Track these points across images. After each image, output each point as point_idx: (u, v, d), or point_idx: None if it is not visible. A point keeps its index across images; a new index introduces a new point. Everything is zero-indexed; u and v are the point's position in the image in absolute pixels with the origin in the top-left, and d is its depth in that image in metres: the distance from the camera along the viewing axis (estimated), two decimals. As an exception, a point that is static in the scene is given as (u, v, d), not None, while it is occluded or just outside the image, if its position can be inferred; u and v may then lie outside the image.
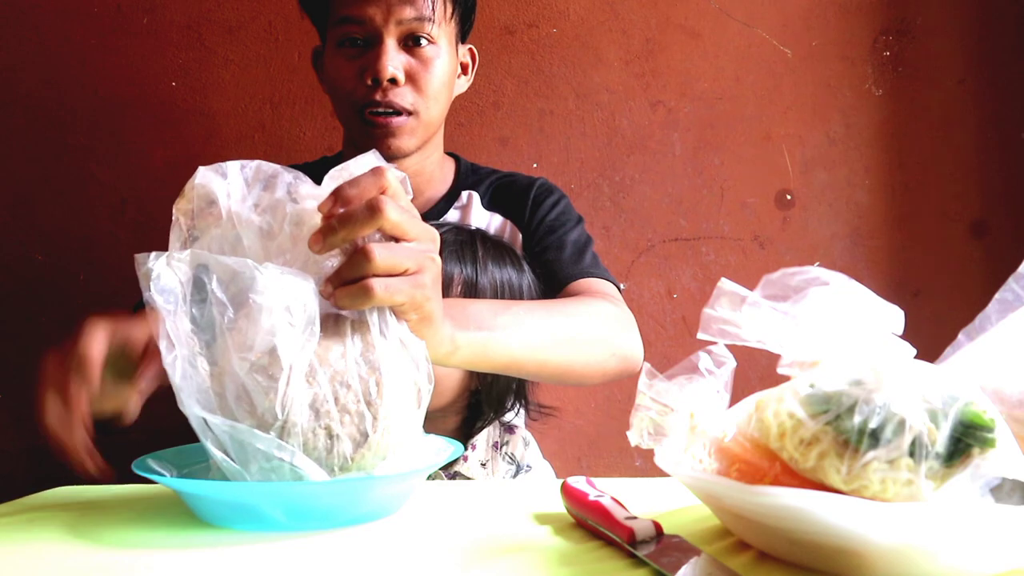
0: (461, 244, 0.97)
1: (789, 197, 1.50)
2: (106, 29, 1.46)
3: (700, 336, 0.51)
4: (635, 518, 0.50)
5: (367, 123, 1.03)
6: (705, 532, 0.54)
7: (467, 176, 1.19)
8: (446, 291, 0.89)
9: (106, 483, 0.67)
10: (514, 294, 0.99)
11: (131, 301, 1.44)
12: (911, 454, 0.42)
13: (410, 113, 1.04)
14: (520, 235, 1.13)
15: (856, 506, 0.40)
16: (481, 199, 1.16)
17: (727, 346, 0.52)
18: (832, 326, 0.48)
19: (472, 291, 0.94)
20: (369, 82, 1.01)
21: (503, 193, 1.17)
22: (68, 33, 1.46)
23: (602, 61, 1.50)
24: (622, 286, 1.06)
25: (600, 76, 1.49)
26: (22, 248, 1.45)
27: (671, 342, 1.49)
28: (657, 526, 0.49)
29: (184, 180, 0.62)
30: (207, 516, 0.58)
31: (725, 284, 0.51)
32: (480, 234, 1.03)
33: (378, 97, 1.01)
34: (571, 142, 1.50)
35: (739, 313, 0.50)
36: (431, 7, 1.02)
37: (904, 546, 0.41)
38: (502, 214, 1.15)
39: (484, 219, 1.15)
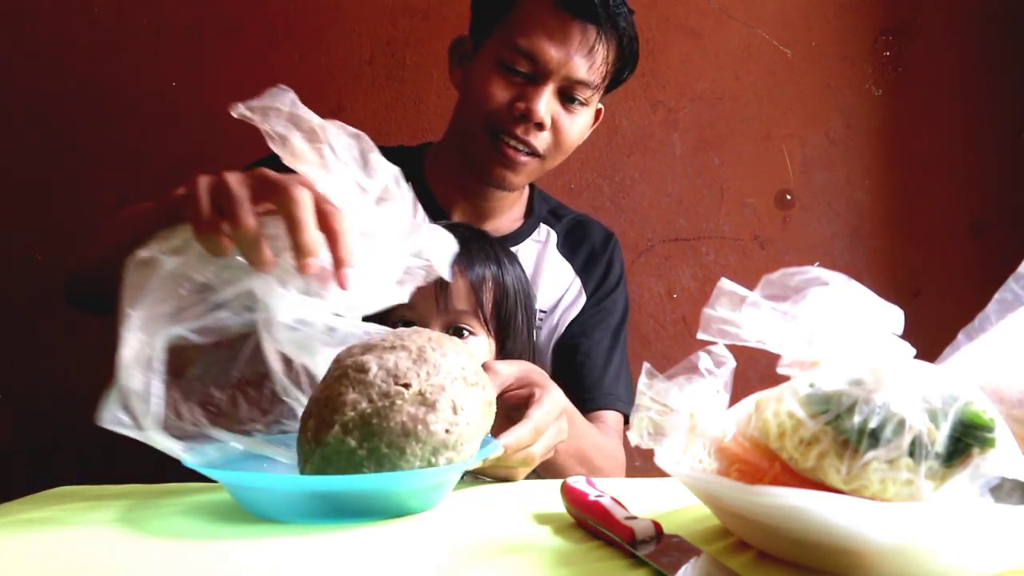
0: (483, 244, 0.98)
1: (789, 197, 1.50)
2: (106, 29, 1.46)
3: (700, 336, 0.51)
4: (635, 518, 0.50)
5: (496, 147, 1.03)
6: (705, 532, 0.54)
7: (540, 204, 1.21)
8: (479, 291, 0.91)
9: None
10: (527, 291, 1.01)
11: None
12: (911, 454, 0.42)
13: (540, 157, 1.05)
14: (584, 298, 1.16)
15: (856, 506, 0.40)
16: (556, 237, 1.19)
17: (727, 346, 0.52)
18: (832, 326, 0.48)
19: (501, 290, 0.96)
20: (517, 114, 1.01)
21: (576, 238, 1.20)
22: (68, 33, 1.46)
23: (602, 61, 1.49)
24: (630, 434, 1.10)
25: (600, 76, 1.49)
26: (22, 248, 1.45)
27: (671, 342, 1.49)
28: (657, 526, 0.49)
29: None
30: (256, 509, 0.59)
31: (725, 284, 0.51)
32: (488, 234, 1.05)
33: (519, 132, 1.02)
34: (571, 142, 1.49)
35: (739, 313, 0.50)
36: (601, 76, 1.04)
37: (904, 546, 0.41)
38: (575, 269, 1.18)
39: (556, 263, 1.17)
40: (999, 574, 0.43)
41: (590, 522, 0.54)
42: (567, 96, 1.03)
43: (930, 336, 0.51)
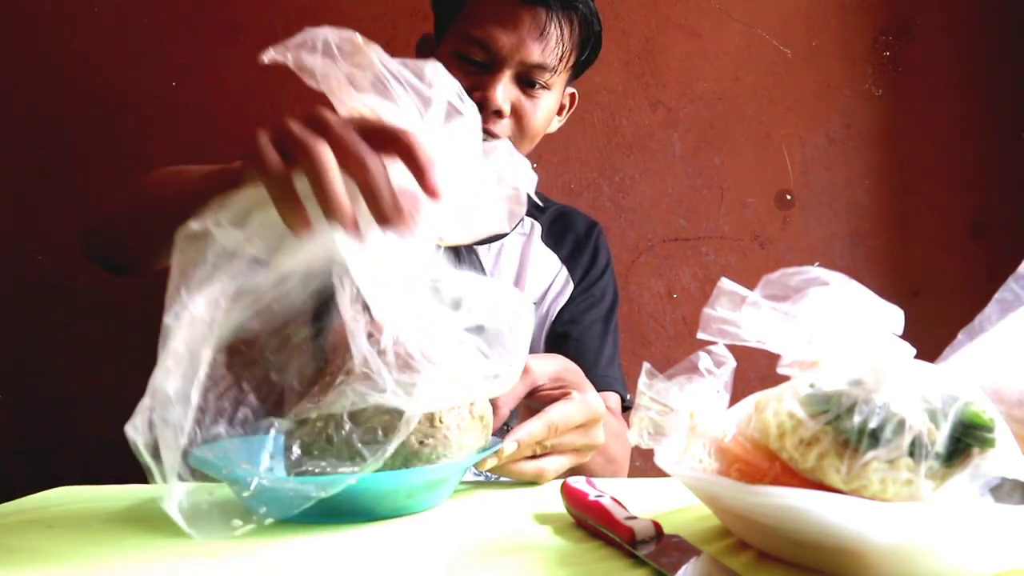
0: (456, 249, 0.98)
1: (789, 197, 1.50)
2: (106, 29, 1.46)
3: (700, 336, 0.51)
4: (635, 518, 0.50)
5: None
6: (705, 532, 0.54)
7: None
8: None
9: None
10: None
11: (131, 301, 1.45)
12: (911, 454, 0.42)
13: None
14: (571, 286, 1.16)
15: (856, 506, 0.40)
16: (540, 229, 1.20)
17: (727, 346, 0.52)
18: (832, 326, 0.48)
19: None
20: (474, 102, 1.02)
21: (560, 229, 1.21)
22: (68, 33, 1.45)
23: (602, 61, 1.49)
24: (628, 397, 1.11)
25: (600, 76, 1.49)
26: (22, 248, 1.45)
27: (671, 342, 1.49)
28: (657, 526, 0.49)
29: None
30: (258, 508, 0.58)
31: (725, 284, 0.51)
32: None
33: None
34: (571, 142, 1.50)
35: (739, 313, 0.50)
36: (557, 58, 1.03)
37: (904, 546, 0.41)
38: (560, 258, 1.18)
39: (542, 255, 1.18)
40: (999, 574, 0.43)
41: (590, 522, 0.53)
42: (526, 81, 1.03)
43: (930, 336, 0.51)
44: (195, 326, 0.49)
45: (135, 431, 0.47)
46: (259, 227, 0.53)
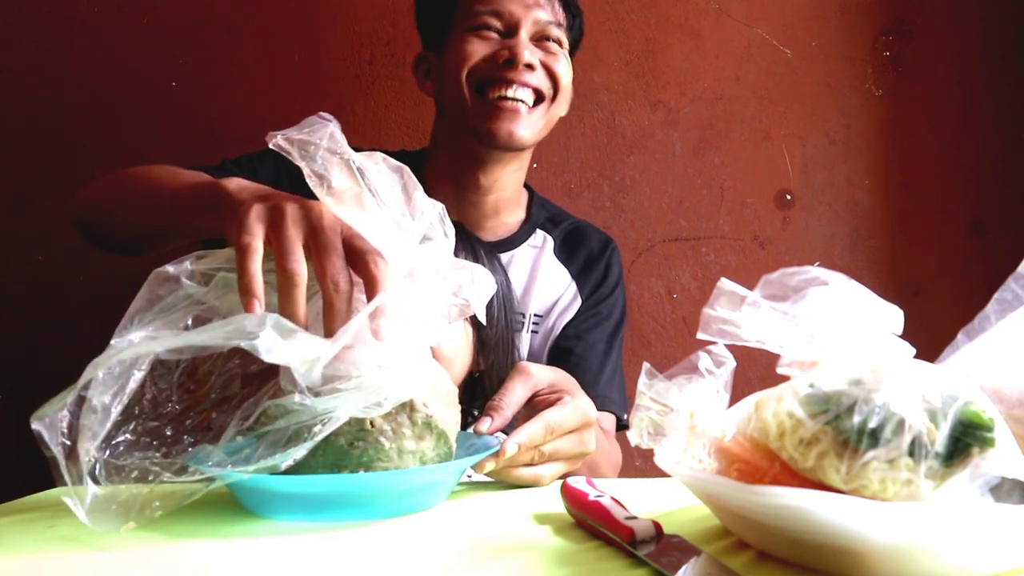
0: (466, 243, 0.98)
1: (789, 197, 1.50)
2: (106, 29, 1.46)
3: (700, 336, 0.51)
4: (635, 518, 0.50)
5: (492, 104, 1.05)
6: (705, 532, 0.54)
7: (539, 210, 1.22)
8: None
9: None
10: (505, 291, 1.03)
11: (131, 301, 1.44)
12: (911, 454, 0.42)
13: (542, 98, 1.08)
14: (579, 302, 1.16)
15: (856, 506, 0.40)
16: (553, 243, 1.19)
17: (727, 346, 0.52)
18: (832, 326, 0.48)
19: (501, 296, 0.98)
20: (502, 62, 1.04)
21: (573, 244, 1.20)
22: (68, 33, 1.46)
23: (602, 61, 1.50)
24: (624, 417, 1.11)
25: (600, 76, 1.50)
26: (22, 248, 1.45)
27: (671, 342, 1.49)
28: (657, 526, 0.49)
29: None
30: (256, 508, 0.60)
31: (725, 284, 0.51)
32: (472, 234, 1.06)
33: (511, 76, 1.04)
34: (571, 142, 1.50)
35: (739, 313, 0.50)
36: (561, 13, 1.09)
37: (904, 546, 0.41)
38: (571, 274, 1.18)
39: (553, 268, 1.17)
40: (999, 574, 0.43)
41: (590, 522, 0.54)
42: (542, 38, 1.08)
43: (930, 336, 0.51)
44: (130, 351, 0.55)
45: (45, 426, 0.54)
46: (220, 284, 0.59)
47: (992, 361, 0.49)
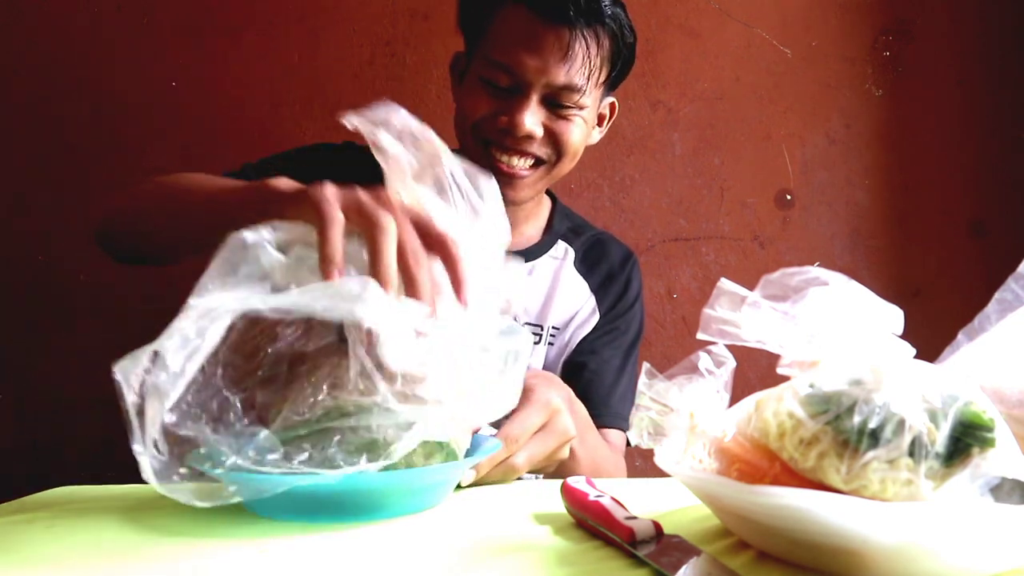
0: None
1: (789, 197, 1.50)
2: (106, 29, 1.46)
3: (700, 336, 0.51)
4: (635, 518, 0.50)
5: (490, 164, 1.00)
6: (705, 532, 0.54)
7: (562, 220, 1.20)
8: None
9: None
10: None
11: (131, 301, 1.45)
12: (911, 454, 0.42)
13: (541, 163, 1.03)
14: (597, 316, 1.15)
15: (856, 506, 0.40)
16: (574, 255, 1.18)
17: (727, 346, 0.52)
18: (832, 326, 0.48)
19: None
20: (501, 127, 0.99)
21: (595, 257, 1.19)
22: (68, 33, 1.46)
23: (602, 61, 1.49)
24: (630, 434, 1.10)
25: (600, 76, 1.49)
26: (22, 248, 1.45)
27: (671, 342, 1.49)
28: (657, 526, 0.49)
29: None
30: (256, 507, 0.59)
31: (725, 284, 0.51)
32: None
33: (509, 143, 1.00)
34: (571, 142, 1.49)
35: (739, 313, 0.50)
36: (585, 78, 0.98)
37: (904, 546, 0.41)
38: (591, 287, 1.17)
39: (573, 281, 1.16)
40: (999, 574, 0.43)
41: (590, 522, 0.54)
42: (555, 103, 1.00)
43: (930, 336, 0.51)
44: (206, 318, 0.52)
45: (125, 378, 0.49)
46: (294, 260, 0.58)
47: (992, 361, 0.49)
